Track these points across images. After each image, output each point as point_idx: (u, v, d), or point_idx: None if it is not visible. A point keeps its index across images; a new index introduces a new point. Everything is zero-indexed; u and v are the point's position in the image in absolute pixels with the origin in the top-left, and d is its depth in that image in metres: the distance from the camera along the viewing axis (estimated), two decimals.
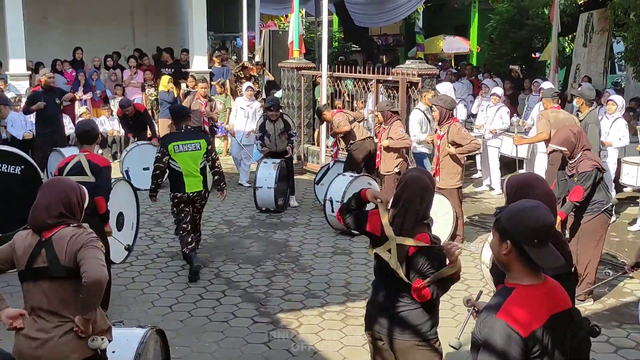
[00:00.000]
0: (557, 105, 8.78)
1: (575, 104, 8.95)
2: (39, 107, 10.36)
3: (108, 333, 3.57)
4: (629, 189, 10.20)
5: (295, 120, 12.06)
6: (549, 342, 2.60)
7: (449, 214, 7.99)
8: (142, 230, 8.82)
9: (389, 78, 10.42)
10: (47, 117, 10.53)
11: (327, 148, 11.66)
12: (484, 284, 6.99)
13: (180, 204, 7.29)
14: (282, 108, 10.65)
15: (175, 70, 14.84)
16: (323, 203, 8.99)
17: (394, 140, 8.47)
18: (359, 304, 6.43)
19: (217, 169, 7.49)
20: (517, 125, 10.23)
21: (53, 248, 3.42)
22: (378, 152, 8.83)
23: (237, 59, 17.17)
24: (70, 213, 3.50)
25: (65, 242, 3.42)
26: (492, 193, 10.96)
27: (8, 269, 3.61)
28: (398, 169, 8.44)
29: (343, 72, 11.94)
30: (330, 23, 22.03)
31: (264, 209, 9.77)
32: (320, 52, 12.73)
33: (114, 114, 13.80)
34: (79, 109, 13.43)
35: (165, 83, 13.64)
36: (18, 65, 13.17)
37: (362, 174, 9.05)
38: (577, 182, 6.09)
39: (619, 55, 15.53)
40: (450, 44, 22.41)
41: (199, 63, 14.83)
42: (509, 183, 3.62)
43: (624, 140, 9.35)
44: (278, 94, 13.34)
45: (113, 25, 16.68)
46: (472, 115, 12.98)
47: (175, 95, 13.72)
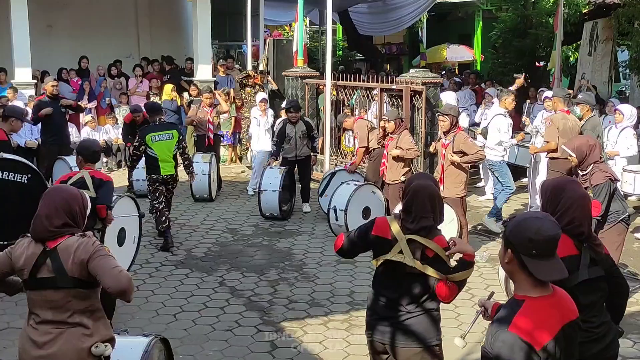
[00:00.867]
0: (566, 109, 8.71)
1: (579, 111, 8.89)
2: (48, 112, 10.27)
3: (111, 342, 3.56)
4: (634, 198, 10.17)
5: None
6: (561, 353, 2.61)
7: (453, 223, 7.97)
8: (146, 239, 8.83)
9: (393, 87, 10.43)
10: (52, 125, 10.50)
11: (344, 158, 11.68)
12: (489, 294, 6.98)
13: (156, 184, 8.53)
14: (300, 109, 10.62)
15: (174, 77, 14.88)
16: (327, 212, 8.99)
17: (404, 150, 8.44)
18: (363, 313, 6.36)
19: (186, 155, 8.82)
20: (527, 127, 10.22)
21: (59, 258, 3.37)
22: (383, 160, 8.79)
23: (240, 68, 17.22)
24: (73, 221, 3.46)
25: (72, 252, 3.37)
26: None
27: (6, 277, 3.57)
28: (404, 178, 8.44)
29: (346, 80, 11.96)
30: (334, 32, 22.15)
31: (268, 215, 9.79)
32: (324, 60, 12.76)
33: (119, 122, 13.86)
34: (84, 118, 13.48)
35: (169, 92, 13.69)
36: (24, 74, 13.24)
37: (365, 183, 9.04)
38: (593, 196, 6.04)
39: (624, 64, 15.52)
40: (454, 53, 22.43)
41: (204, 72, 14.89)
42: (544, 187, 3.63)
43: (632, 150, 9.31)
44: (283, 105, 13.36)
45: (118, 34, 16.78)
46: (475, 124, 12.97)
47: (179, 104, 13.77)
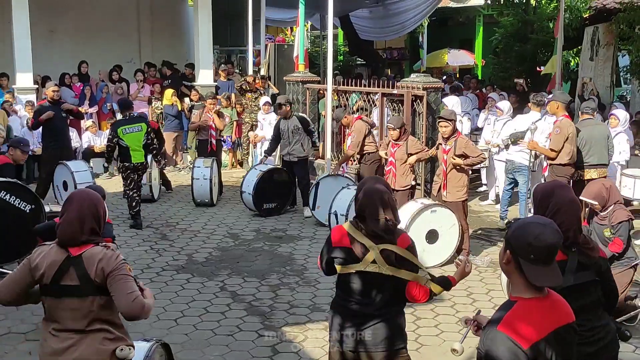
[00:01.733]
0: (567, 114, 8.70)
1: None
2: (49, 115, 10.19)
3: (133, 348, 3.58)
4: (637, 203, 10.14)
5: None
6: (552, 355, 2.64)
7: (455, 227, 7.98)
8: (147, 244, 8.86)
9: (394, 91, 10.43)
10: (54, 130, 10.37)
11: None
12: (490, 298, 6.98)
13: (128, 171, 9.61)
14: (292, 104, 10.69)
15: (174, 82, 14.90)
16: (328, 216, 8.99)
17: (420, 153, 8.55)
18: None
19: (154, 145, 9.94)
20: (533, 130, 10.20)
21: (84, 266, 3.35)
22: (391, 167, 8.74)
23: (241, 72, 17.25)
24: (98, 227, 3.47)
25: (96, 261, 3.36)
26: (497, 207, 10.92)
27: (30, 288, 3.50)
28: (414, 182, 8.46)
29: (348, 85, 11.97)
30: (336, 37, 22.19)
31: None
32: (326, 65, 12.77)
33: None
34: (85, 123, 13.50)
35: (169, 97, 13.73)
36: (25, 79, 13.26)
37: None
38: (613, 233, 6.01)
39: (625, 69, 15.53)
40: (455, 58, 22.48)
41: (205, 77, 14.92)
42: (535, 191, 3.72)
43: (624, 155, 9.31)
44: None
45: (119, 39, 16.84)
46: (477, 129, 12.97)
47: (180, 109, 13.79)
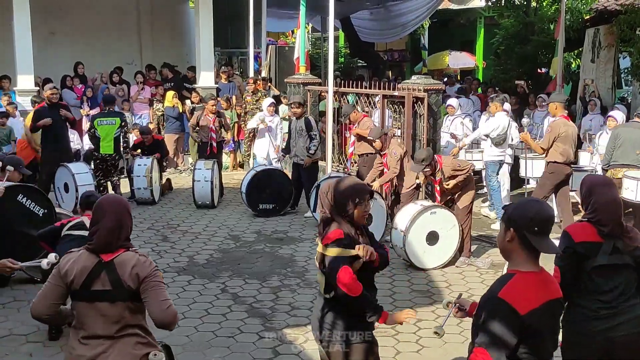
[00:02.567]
0: (566, 114, 8.82)
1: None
2: (46, 123, 10.21)
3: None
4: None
5: None
6: (543, 323, 2.92)
7: (455, 228, 7.98)
8: (148, 246, 8.86)
9: (395, 93, 10.43)
10: (53, 133, 10.39)
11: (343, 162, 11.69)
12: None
13: (97, 160, 10.77)
14: (303, 106, 10.75)
15: (176, 85, 14.91)
16: None
17: (386, 175, 8.80)
18: None
19: (126, 139, 10.98)
20: (525, 125, 10.28)
21: (116, 272, 3.36)
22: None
23: (242, 74, 17.25)
24: (130, 231, 3.52)
25: (130, 266, 3.38)
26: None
27: (65, 297, 3.49)
28: (418, 181, 8.50)
29: (349, 87, 11.97)
30: (337, 39, 22.19)
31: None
32: (327, 67, 12.78)
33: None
34: (87, 124, 13.48)
35: (170, 99, 13.74)
36: (26, 81, 13.26)
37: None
38: None
39: (626, 71, 15.52)
40: (456, 60, 22.46)
41: (206, 79, 14.92)
42: (582, 182, 4.00)
43: None
44: (282, 108, 13.40)
45: (120, 41, 16.85)
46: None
47: (181, 111, 13.80)
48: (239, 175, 13.06)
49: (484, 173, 10.52)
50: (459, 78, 21.29)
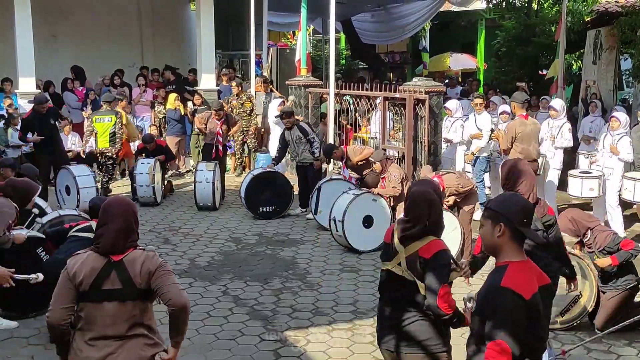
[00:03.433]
0: (525, 114, 9.26)
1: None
2: (36, 140, 10.76)
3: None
4: (636, 206, 10.12)
5: None
6: (542, 306, 3.04)
7: (457, 230, 7.98)
8: (149, 248, 8.84)
9: (396, 95, 10.43)
10: (45, 138, 10.79)
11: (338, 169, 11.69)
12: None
13: (96, 154, 11.56)
14: (293, 115, 10.81)
15: (178, 87, 14.93)
16: (328, 222, 8.99)
17: (390, 189, 8.77)
18: (367, 322, 6.41)
19: (119, 134, 11.46)
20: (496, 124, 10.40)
21: (126, 270, 3.41)
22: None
23: (243, 76, 17.25)
24: (137, 231, 3.58)
25: (139, 264, 3.43)
26: None
27: (76, 303, 3.49)
28: None
29: (350, 89, 11.95)
30: (338, 41, 22.16)
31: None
32: (328, 69, 12.78)
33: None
34: (87, 127, 13.48)
35: (172, 101, 13.75)
36: (28, 84, 13.30)
37: (365, 191, 8.93)
38: (604, 255, 6.08)
39: (627, 72, 15.51)
40: (457, 61, 22.45)
41: (207, 81, 14.92)
42: (502, 168, 4.80)
43: (630, 156, 9.27)
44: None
45: (121, 44, 16.86)
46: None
47: (182, 113, 13.80)
48: (242, 178, 13.05)
49: (472, 168, 10.66)
50: (460, 80, 21.29)
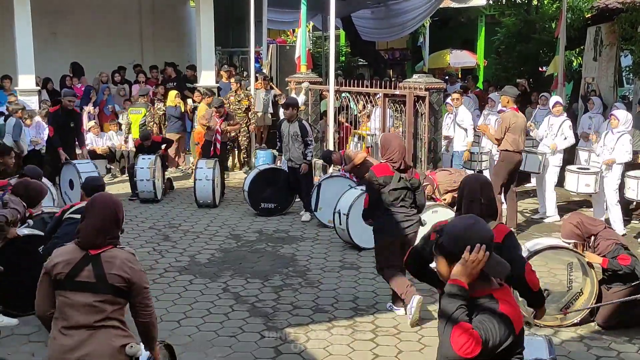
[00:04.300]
0: (516, 107, 9.46)
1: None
2: (61, 158, 10.72)
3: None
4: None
5: None
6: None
7: None
8: (150, 245, 8.86)
9: (396, 92, 10.42)
10: (64, 140, 10.83)
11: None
12: None
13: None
14: (297, 107, 10.48)
15: (179, 85, 14.92)
16: (332, 216, 8.96)
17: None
18: (367, 319, 6.42)
19: (145, 125, 12.88)
20: (532, 132, 10.39)
21: (102, 266, 3.47)
22: None
23: (243, 72, 17.23)
24: (118, 229, 3.61)
25: (116, 263, 3.49)
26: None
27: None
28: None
29: (350, 86, 11.95)
30: (337, 38, 22.15)
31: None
32: (328, 66, 12.77)
33: (123, 129, 13.90)
34: (87, 123, 13.51)
35: (173, 98, 13.74)
36: (27, 81, 13.29)
37: None
38: (612, 258, 6.17)
39: (627, 69, 15.49)
40: (457, 58, 22.44)
41: (207, 78, 14.91)
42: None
43: (629, 155, 9.28)
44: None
45: (121, 41, 16.83)
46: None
47: (183, 111, 13.80)
48: (242, 175, 13.08)
49: (453, 162, 10.78)
50: (460, 76, 21.28)
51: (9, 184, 6.89)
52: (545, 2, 19.68)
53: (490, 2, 19.49)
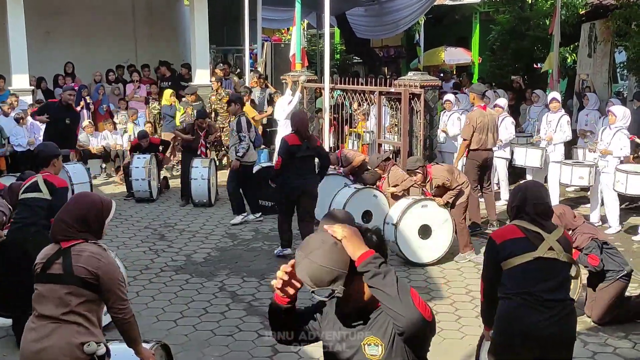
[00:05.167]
0: (483, 105, 9.54)
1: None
2: (42, 120, 10.69)
3: (106, 346, 3.67)
4: None
5: None
6: None
7: (448, 223, 8.02)
8: (145, 244, 8.85)
9: (391, 90, 10.41)
10: (56, 133, 10.55)
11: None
12: None
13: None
14: (239, 103, 10.12)
15: (174, 84, 14.89)
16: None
17: (400, 184, 8.60)
18: None
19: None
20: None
21: (70, 259, 3.56)
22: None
23: (239, 72, 17.22)
24: (87, 226, 3.64)
25: (83, 257, 3.57)
26: (498, 203, 10.88)
27: None
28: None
29: (344, 84, 11.93)
30: (332, 35, 22.14)
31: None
32: (322, 64, 12.75)
33: (118, 129, 13.87)
34: (82, 123, 13.46)
35: (168, 97, 13.71)
36: (21, 81, 13.25)
37: (365, 187, 9.02)
38: (586, 254, 6.20)
39: (621, 65, 15.52)
40: (452, 55, 22.43)
41: (201, 77, 14.88)
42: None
43: (625, 151, 9.29)
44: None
45: (115, 40, 16.78)
46: None
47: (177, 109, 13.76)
48: None
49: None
50: (455, 74, 21.28)
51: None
52: None
53: None
